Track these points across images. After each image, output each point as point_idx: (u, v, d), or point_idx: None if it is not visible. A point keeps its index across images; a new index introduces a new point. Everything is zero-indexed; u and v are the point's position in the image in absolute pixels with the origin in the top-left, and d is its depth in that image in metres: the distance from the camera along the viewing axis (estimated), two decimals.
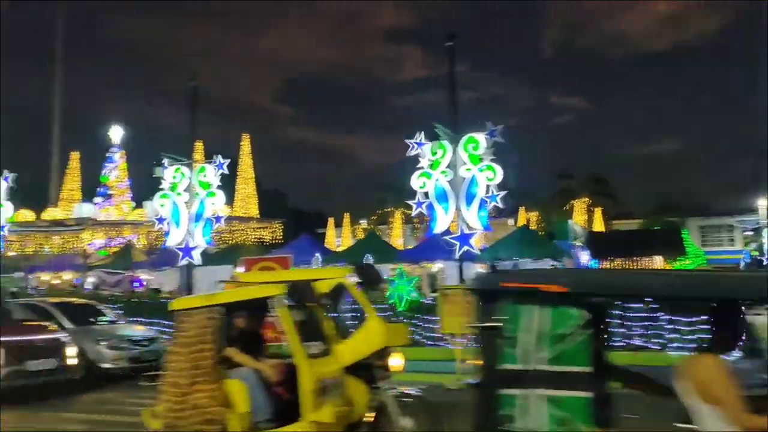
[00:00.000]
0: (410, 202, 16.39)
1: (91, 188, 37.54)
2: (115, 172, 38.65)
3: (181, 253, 18.54)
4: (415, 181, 16.22)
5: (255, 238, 32.47)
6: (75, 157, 33.73)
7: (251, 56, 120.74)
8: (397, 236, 45.59)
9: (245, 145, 36.50)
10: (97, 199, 32.03)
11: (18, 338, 11.08)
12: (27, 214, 27.60)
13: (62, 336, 11.77)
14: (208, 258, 20.06)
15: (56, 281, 25.68)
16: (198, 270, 19.24)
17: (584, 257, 25.93)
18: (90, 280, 22.74)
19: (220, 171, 18.52)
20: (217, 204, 18.87)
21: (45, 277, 25.82)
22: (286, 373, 5.61)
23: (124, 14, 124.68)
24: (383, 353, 5.81)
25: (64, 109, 33.62)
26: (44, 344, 11.24)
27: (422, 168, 16.18)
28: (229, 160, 18.89)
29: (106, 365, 12.87)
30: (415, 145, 16.30)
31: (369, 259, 17.36)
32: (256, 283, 6.71)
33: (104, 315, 14.46)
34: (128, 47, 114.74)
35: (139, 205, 31.34)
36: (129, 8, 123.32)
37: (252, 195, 35.70)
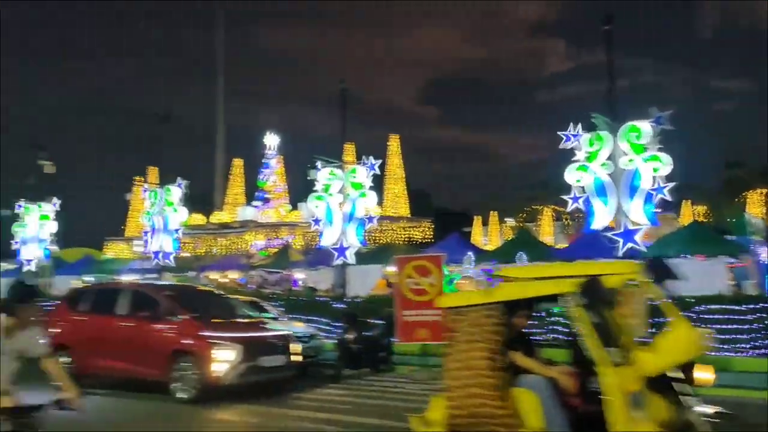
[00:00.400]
0: (565, 197, 15.57)
1: (250, 193, 40.22)
2: (272, 177, 41.01)
3: (336, 253, 19.07)
4: (571, 175, 15.37)
5: (405, 237, 32.82)
6: (238, 163, 36.17)
7: (394, 58, 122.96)
8: (547, 234, 44.04)
9: (393, 145, 37.03)
10: (256, 203, 34.08)
11: (253, 334, 11.21)
12: (198, 218, 29.97)
13: (287, 332, 12.04)
14: (361, 257, 20.47)
15: (224, 280, 27.69)
16: (351, 269, 19.73)
17: (765, 254, 23.23)
18: (253, 279, 24.26)
19: (372, 172, 18.84)
20: (368, 204, 19.20)
21: (214, 276, 27.94)
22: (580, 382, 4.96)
23: (272, 26, 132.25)
24: (688, 364, 4.87)
25: (225, 119, 36.18)
26: (275, 340, 11.33)
27: (578, 161, 15.30)
28: (380, 161, 19.16)
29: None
30: (570, 138, 15.44)
31: (523, 257, 16.76)
32: (536, 279, 5.59)
33: (267, 312, 15.20)
34: (278, 57, 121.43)
35: (295, 208, 33.00)
36: (277, 21, 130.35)
37: (401, 194, 36.17)
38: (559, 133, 15.10)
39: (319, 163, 19.24)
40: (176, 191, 23.05)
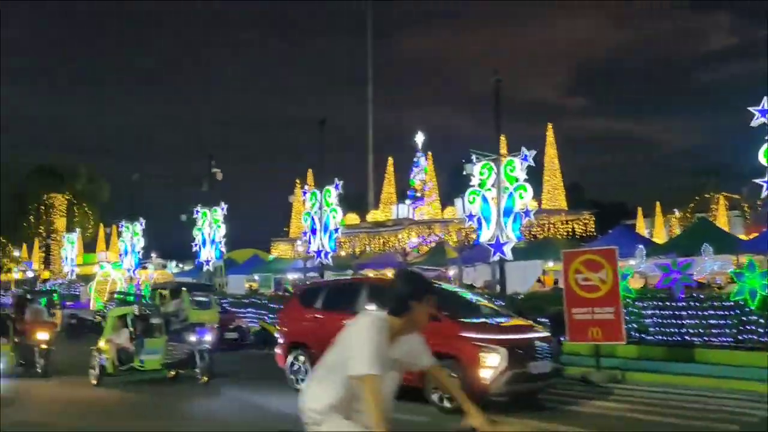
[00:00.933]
0: (759, 181, 13.82)
1: (401, 192, 40.80)
2: (421, 175, 41.28)
3: (492, 249, 18.57)
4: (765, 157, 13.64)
5: (565, 231, 31.43)
6: (390, 162, 36.72)
7: (537, 51, 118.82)
8: (722, 224, 40.03)
9: (549, 135, 35.61)
10: (407, 202, 34.36)
11: (518, 336, 9.86)
12: (353, 218, 30.77)
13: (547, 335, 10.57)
14: (517, 252, 19.78)
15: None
16: (508, 265, 19.13)
17: None
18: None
19: (526, 163, 18.10)
20: (525, 198, 18.48)
21: (370, 274, 28.56)
22: None
23: (410, 31, 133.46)
24: None
25: (375, 120, 36.87)
26: (541, 343, 9.91)
27: None
28: (534, 152, 18.39)
29: None
30: (758, 114, 13.71)
31: (709, 250, 15.16)
32: None
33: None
34: (420, 59, 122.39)
35: (445, 206, 32.91)
36: (414, 24, 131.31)
37: (559, 187, 34.72)
38: (750, 109, 13.46)
39: (474, 157, 18.83)
40: (333, 192, 23.82)
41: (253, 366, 16.62)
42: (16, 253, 58.21)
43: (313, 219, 24.71)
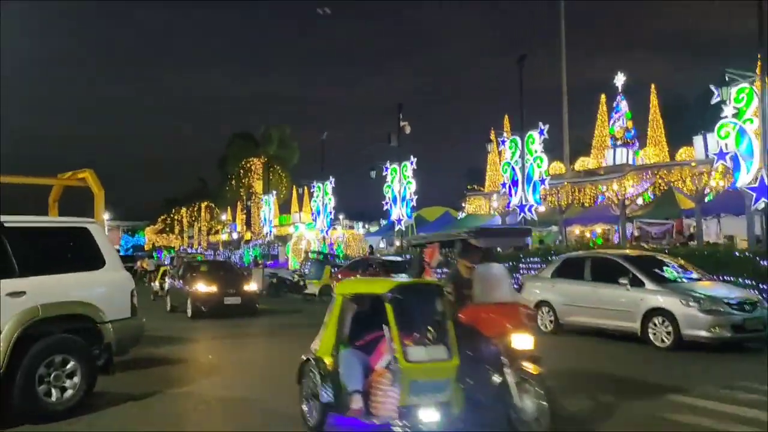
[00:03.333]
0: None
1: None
2: (622, 121, 36.55)
3: (754, 194, 14.65)
4: None
5: None
6: (603, 100, 32.62)
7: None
8: None
9: None
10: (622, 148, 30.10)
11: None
12: (558, 167, 27.60)
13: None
14: None
15: (590, 234, 24.95)
16: None
17: None
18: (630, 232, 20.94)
19: None
20: None
21: (578, 230, 25.38)
22: None
23: None
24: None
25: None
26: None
27: None
28: None
29: (701, 333, 10.41)
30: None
31: None
32: None
33: (673, 270, 11.98)
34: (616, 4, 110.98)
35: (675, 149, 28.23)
36: None
37: None
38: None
39: (728, 78, 14.88)
40: (537, 138, 21.02)
41: None
42: (222, 217, 62.85)
43: (513, 169, 22.14)
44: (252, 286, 18.69)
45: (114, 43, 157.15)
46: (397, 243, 30.62)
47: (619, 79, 35.95)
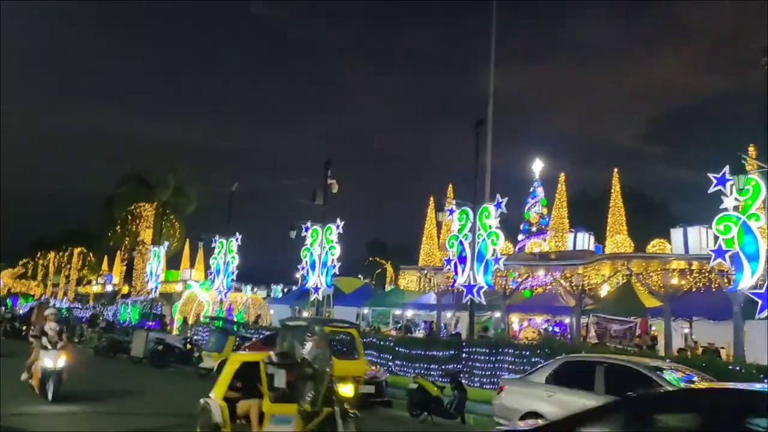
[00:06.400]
0: None
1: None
2: (538, 207, 36.01)
3: (760, 301, 12.92)
4: None
5: None
6: (562, 178, 31.40)
7: (615, 96, 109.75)
8: None
9: None
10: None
11: None
12: (507, 246, 25.52)
13: None
14: None
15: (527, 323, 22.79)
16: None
17: None
18: None
19: None
20: None
21: (515, 319, 23.15)
22: None
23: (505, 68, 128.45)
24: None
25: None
26: None
27: None
28: None
29: None
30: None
31: None
32: None
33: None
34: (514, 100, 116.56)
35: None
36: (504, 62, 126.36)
37: None
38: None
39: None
40: (493, 212, 18.87)
41: None
42: (100, 266, 56.07)
43: (462, 244, 19.70)
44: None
45: None
46: (306, 314, 27.17)
47: (537, 166, 35.58)
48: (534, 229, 34.81)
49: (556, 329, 21.77)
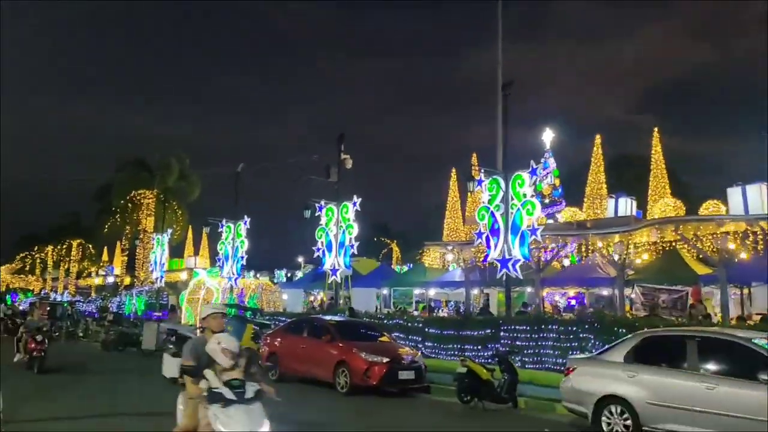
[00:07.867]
0: None
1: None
2: (550, 178, 34.78)
3: None
4: None
5: None
6: (597, 141, 29.95)
7: (608, 69, 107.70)
8: None
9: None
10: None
11: None
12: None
13: None
14: None
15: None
16: None
17: None
18: None
19: None
20: None
21: (547, 292, 21.91)
22: None
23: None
24: None
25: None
26: None
27: None
28: None
29: None
30: None
31: None
32: None
33: None
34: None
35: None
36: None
37: None
38: None
39: None
40: (527, 179, 17.49)
41: None
42: (102, 257, 54.67)
43: (494, 215, 18.33)
44: None
45: None
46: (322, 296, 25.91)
47: (548, 136, 34.17)
48: (547, 201, 33.58)
49: (572, 302, 20.53)
